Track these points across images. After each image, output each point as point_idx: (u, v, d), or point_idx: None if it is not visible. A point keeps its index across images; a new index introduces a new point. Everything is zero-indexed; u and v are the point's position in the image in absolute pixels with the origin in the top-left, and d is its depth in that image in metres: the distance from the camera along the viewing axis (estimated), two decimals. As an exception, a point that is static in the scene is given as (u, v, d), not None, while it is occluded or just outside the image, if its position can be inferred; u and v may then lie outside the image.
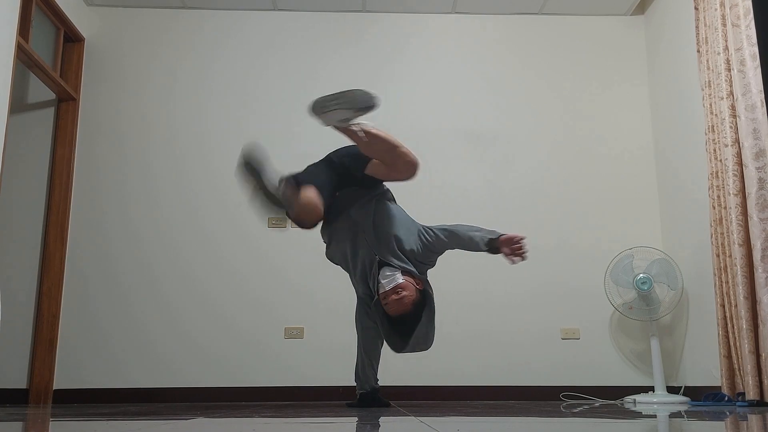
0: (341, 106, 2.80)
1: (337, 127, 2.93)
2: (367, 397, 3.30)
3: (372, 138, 2.90)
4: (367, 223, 3.11)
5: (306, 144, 4.57)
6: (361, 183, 3.15)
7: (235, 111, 4.60)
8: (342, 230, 3.14)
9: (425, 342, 3.07)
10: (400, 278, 3.01)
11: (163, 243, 4.37)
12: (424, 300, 3.06)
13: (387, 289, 2.99)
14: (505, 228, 4.47)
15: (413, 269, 3.09)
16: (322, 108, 2.83)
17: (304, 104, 4.66)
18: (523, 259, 3.15)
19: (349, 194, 3.16)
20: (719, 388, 3.55)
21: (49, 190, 4.34)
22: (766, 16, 1.36)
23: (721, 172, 3.58)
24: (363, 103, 2.80)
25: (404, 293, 2.99)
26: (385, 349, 4.24)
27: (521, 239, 3.11)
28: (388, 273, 3.05)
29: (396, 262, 3.07)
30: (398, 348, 3.06)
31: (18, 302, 4.15)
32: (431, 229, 3.19)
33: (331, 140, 5.09)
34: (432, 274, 3.36)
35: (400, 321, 3.02)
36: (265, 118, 4.60)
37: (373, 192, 3.19)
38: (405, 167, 3.00)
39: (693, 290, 4.04)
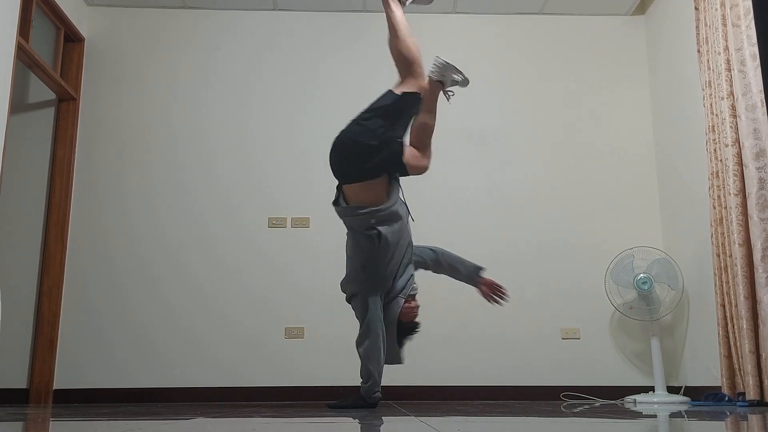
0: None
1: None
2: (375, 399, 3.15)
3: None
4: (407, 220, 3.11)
5: (305, 143, 4.57)
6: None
7: (235, 110, 4.60)
8: (398, 213, 3.03)
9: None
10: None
11: (162, 243, 4.37)
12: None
13: (413, 293, 3.04)
14: (506, 228, 4.50)
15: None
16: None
17: (303, 104, 4.67)
18: (500, 304, 3.26)
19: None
20: (719, 388, 3.55)
21: (49, 190, 4.34)
22: (766, 16, 1.36)
23: (722, 172, 3.58)
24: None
25: (416, 302, 3.07)
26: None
27: (503, 290, 3.22)
28: (412, 274, 3.09)
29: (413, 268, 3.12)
30: (397, 358, 3.05)
31: (18, 302, 4.15)
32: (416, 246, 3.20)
33: (330, 140, 5.09)
34: (433, 274, 3.37)
35: (404, 329, 3.04)
36: (265, 117, 4.59)
37: None
38: None
39: (693, 290, 4.04)
